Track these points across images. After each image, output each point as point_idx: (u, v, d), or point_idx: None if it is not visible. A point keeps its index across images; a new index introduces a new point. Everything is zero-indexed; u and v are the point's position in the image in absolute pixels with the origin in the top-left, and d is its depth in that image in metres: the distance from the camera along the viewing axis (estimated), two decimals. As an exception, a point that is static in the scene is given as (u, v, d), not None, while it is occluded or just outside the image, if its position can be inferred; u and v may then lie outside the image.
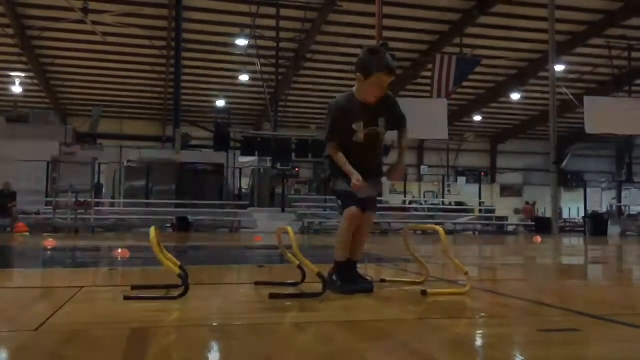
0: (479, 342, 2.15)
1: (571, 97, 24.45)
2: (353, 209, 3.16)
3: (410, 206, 24.97)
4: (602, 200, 31.37)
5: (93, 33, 22.53)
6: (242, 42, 24.60)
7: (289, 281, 3.49)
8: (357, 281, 3.26)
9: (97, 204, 19.40)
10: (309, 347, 2.02)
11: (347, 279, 3.21)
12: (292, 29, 23.97)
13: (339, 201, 3.27)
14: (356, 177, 3.12)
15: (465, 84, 24.34)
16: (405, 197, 27.52)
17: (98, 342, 2.00)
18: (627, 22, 23.19)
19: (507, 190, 37.68)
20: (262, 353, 1.86)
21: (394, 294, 3.39)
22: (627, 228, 22.86)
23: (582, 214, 27.45)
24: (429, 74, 23.41)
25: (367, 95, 3.22)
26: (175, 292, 2.91)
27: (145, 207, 20.63)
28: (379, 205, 22.24)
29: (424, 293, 3.08)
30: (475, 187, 30.99)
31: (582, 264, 7.25)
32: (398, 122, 3.37)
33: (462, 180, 36.04)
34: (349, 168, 3.17)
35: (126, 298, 2.83)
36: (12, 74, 27.32)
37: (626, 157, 31.51)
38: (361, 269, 5.71)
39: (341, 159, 3.22)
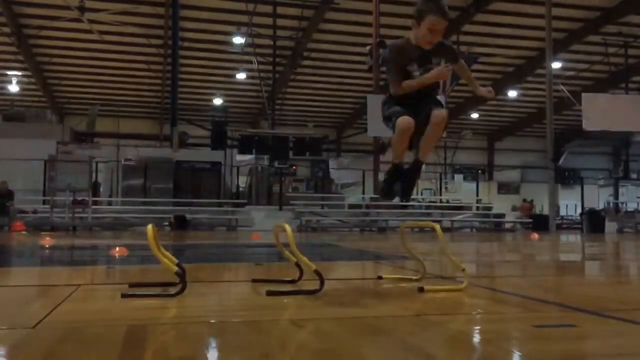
0: (475, 338, 2.16)
1: (568, 94, 24.48)
2: (402, 119, 3.20)
3: (407, 204, 24.94)
4: (599, 197, 31.43)
5: (90, 32, 22.50)
6: (239, 40, 24.57)
7: (287, 278, 3.50)
8: (391, 188, 3.39)
9: (95, 203, 19.37)
10: (307, 343, 2.03)
11: (391, 181, 3.37)
12: (289, 27, 23.95)
13: (390, 123, 3.30)
14: (439, 69, 3.23)
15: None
16: (402, 194, 27.49)
17: (96, 339, 2.00)
18: (624, 19, 23.22)
19: (505, 188, 37.69)
20: (260, 350, 1.87)
21: (391, 290, 3.40)
22: (624, 225, 22.88)
23: (579, 211, 27.50)
24: (426, 71, 23.38)
25: (421, 40, 3.28)
26: (173, 290, 2.91)
27: (142, 206, 20.60)
28: (379, 203, 22.34)
29: (421, 290, 3.09)
30: (473, 184, 31.01)
31: (578, 260, 7.27)
32: (451, 55, 3.43)
33: (459, 177, 36.05)
34: (421, 79, 3.26)
35: (124, 296, 2.84)
36: (9, 72, 27.26)
37: (623, 154, 31.57)
38: (359, 267, 5.73)
39: (409, 83, 3.29)
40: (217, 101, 30.86)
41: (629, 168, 31.38)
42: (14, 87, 28.17)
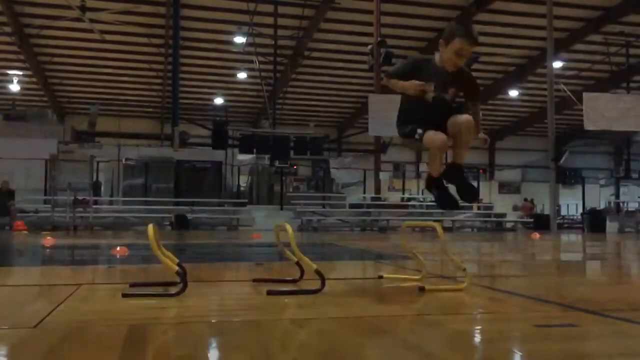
0: (476, 337, 2.16)
1: (569, 93, 24.45)
2: (434, 136, 3.21)
3: (408, 203, 24.97)
4: (600, 196, 31.40)
5: (91, 31, 22.49)
6: (240, 39, 24.56)
7: (287, 278, 3.50)
8: (446, 196, 3.44)
9: (96, 202, 19.38)
10: (308, 343, 2.03)
11: (442, 192, 3.41)
12: (290, 27, 23.93)
13: (416, 135, 3.30)
14: (416, 82, 3.22)
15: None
16: (403, 194, 27.52)
17: (97, 339, 2.00)
18: (625, 18, 23.19)
19: (506, 187, 37.65)
20: (261, 349, 1.87)
21: (392, 290, 3.40)
22: (625, 224, 22.85)
23: (580, 210, 27.49)
24: (427, 71, 23.34)
25: (446, 62, 3.28)
26: (174, 290, 2.91)
27: (143, 205, 20.60)
28: (380, 203, 22.32)
29: (421, 289, 3.09)
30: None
31: (579, 260, 7.27)
32: (471, 92, 3.46)
33: (460, 177, 35.95)
34: (405, 83, 3.26)
35: (124, 295, 2.84)
36: (10, 72, 27.25)
37: (624, 154, 31.52)
38: (360, 267, 5.73)
39: (396, 82, 3.31)
40: (218, 100, 30.85)
41: (630, 167, 31.33)
42: (15, 87, 28.16)
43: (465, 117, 3.28)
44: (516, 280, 4.32)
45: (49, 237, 9.59)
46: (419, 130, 3.26)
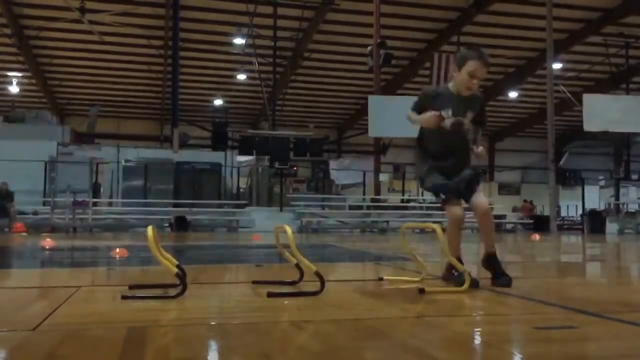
0: (476, 339, 2.16)
1: (569, 94, 24.47)
2: (451, 208, 3.42)
3: (408, 204, 24.97)
4: (599, 198, 31.38)
5: (90, 33, 22.50)
6: (239, 41, 24.57)
7: (287, 280, 3.49)
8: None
9: (95, 204, 19.37)
10: (307, 345, 2.03)
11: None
12: (289, 28, 23.95)
13: (440, 196, 3.51)
14: (433, 113, 3.35)
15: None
16: (403, 195, 27.51)
17: (96, 341, 2.00)
18: (624, 19, 23.21)
19: (505, 188, 37.66)
20: (260, 352, 1.86)
21: (392, 292, 3.40)
22: (625, 226, 22.87)
23: (580, 211, 27.49)
24: (426, 72, 23.41)
25: (460, 86, 3.42)
26: (173, 292, 2.91)
27: (143, 207, 20.60)
28: (379, 204, 22.33)
29: (421, 291, 3.09)
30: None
31: (579, 261, 7.27)
32: (480, 120, 3.61)
33: (460, 178, 35.92)
34: (424, 115, 3.41)
35: (124, 297, 2.83)
36: (10, 73, 27.25)
37: (624, 155, 31.48)
38: (360, 269, 5.73)
39: (415, 116, 3.47)
40: (218, 102, 30.86)
41: (630, 169, 31.30)
42: (14, 88, 28.17)
43: (484, 208, 3.49)
44: (516, 281, 4.30)
45: (48, 239, 9.58)
46: (442, 195, 3.48)
